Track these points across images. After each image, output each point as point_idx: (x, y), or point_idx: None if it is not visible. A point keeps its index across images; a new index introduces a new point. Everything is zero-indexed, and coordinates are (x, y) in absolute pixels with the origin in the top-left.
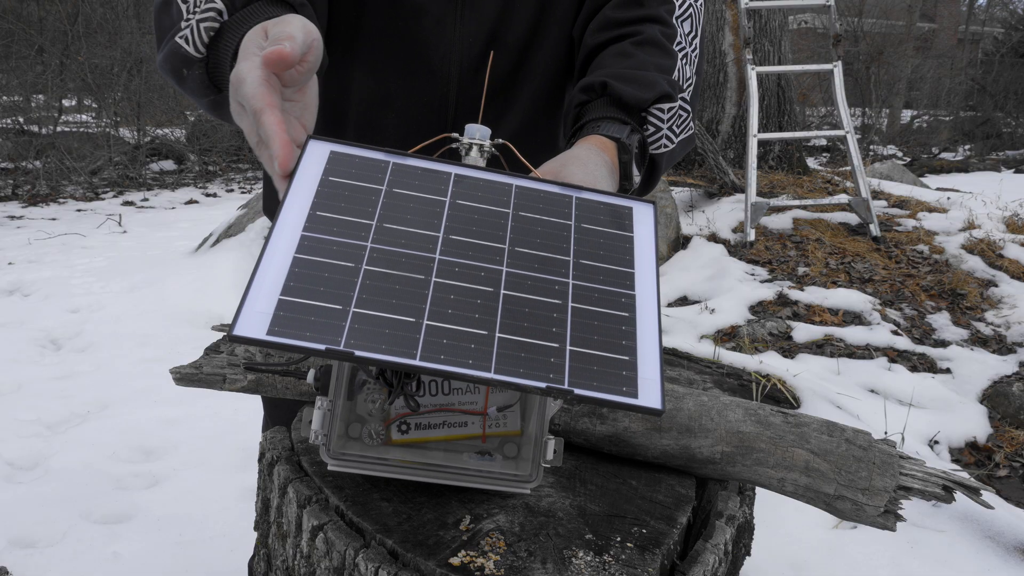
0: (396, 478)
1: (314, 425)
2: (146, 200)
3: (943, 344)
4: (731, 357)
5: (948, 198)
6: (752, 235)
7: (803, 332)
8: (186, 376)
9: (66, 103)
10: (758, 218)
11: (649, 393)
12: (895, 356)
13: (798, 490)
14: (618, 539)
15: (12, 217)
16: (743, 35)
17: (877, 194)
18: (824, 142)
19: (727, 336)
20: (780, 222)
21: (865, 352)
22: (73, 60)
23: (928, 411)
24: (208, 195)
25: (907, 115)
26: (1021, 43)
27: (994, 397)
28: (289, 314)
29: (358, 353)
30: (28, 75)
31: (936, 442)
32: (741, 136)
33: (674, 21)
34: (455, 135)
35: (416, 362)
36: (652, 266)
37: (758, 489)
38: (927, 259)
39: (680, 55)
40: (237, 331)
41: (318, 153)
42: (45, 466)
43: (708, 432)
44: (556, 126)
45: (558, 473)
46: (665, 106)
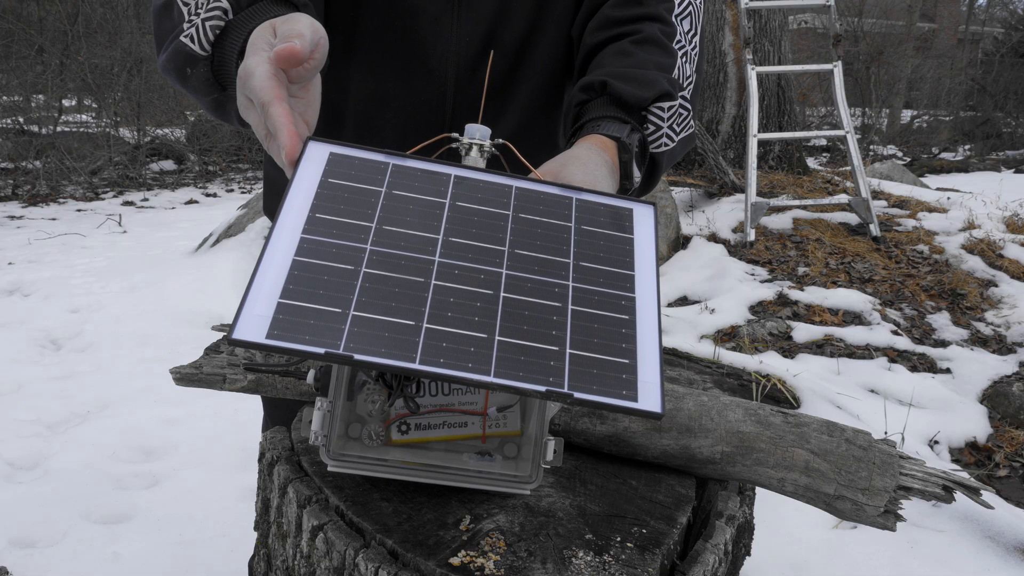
0: (396, 479)
1: (314, 426)
2: (146, 200)
3: (943, 344)
4: (731, 357)
5: (948, 198)
6: (752, 235)
7: (803, 332)
8: (186, 376)
9: (66, 103)
10: (758, 218)
11: (649, 397)
12: (895, 356)
13: (798, 490)
14: (618, 539)
15: (12, 217)
16: (743, 35)
17: (877, 194)
18: (824, 142)
19: (727, 336)
20: (780, 222)
21: (865, 352)
22: (73, 60)
23: (928, 411)
24: (208, 195)
25: (907, 115)
26: (1021, 43)
27: (994, 397)
28: (288, 317)
29: (357, 357)
30: (28, 75)
31: (936, 442)
32: (741, 136)
33: (674, 19)
34: (455, 135)
35: (416, 366)
36: (652, 268)
37: (758, 489)
38: (927, 259)
39: (680, 53)
40: (236, 335)
41: (317, 155)
42: (45, 466)
43: (708, 432)
44: (554, 125)
45: (558, 473)
46: (665, 105)
